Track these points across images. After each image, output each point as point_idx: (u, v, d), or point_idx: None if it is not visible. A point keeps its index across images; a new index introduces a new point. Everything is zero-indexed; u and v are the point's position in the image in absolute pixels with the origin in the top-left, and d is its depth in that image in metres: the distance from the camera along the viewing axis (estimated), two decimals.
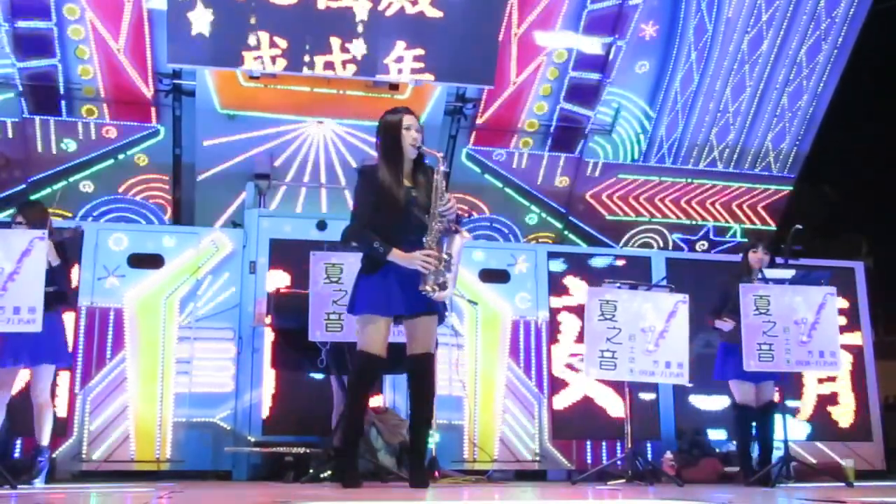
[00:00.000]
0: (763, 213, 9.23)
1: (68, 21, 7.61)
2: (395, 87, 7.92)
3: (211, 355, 6.76)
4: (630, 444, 5.93)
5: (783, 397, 6.02)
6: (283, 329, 6.16)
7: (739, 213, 9.19)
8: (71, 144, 7.92)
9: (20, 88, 7.69)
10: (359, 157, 8.07)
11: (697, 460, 6.85)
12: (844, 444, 7.52)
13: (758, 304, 5.70)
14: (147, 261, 6.80)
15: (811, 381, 7.65)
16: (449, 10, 7.48)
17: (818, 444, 7.52)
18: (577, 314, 7.29)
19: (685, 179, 8.99)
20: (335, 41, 7.38)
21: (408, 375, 4.43)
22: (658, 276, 7.43)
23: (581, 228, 8.89)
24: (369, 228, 4.29)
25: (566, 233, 8.88)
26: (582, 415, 7.22)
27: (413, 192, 4.31)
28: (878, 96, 12.30)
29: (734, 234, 9.16)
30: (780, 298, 5.72)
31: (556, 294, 7.39)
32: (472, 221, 8.63)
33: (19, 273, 4.66)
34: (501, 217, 8.72)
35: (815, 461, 6.96)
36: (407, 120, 4.37)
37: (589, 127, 8.67)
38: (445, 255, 4.22)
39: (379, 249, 4.22)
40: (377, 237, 4.24)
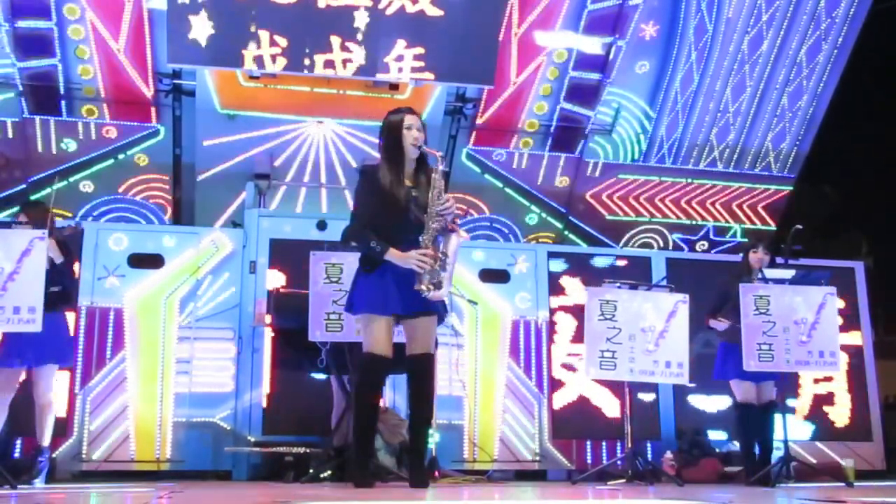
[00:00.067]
0: (763, 213, 9.23)
1: (68, 21, 7.61)
2: (395, 87, 7.92)
3: (211, 355, 6.76)
4: (630, 444, 5.93)
5: (783, 397, 6.02)
6: (283, 329, 6.16)
7: (739, 213, 9.19)
8: (71, 144, 7.92)
9: (20, 88, 7.69)
10: (359, 157, 8.07)
11: (697, 460, 6.84)
12: (844, 444, 7.53)
13: (758, 304, 5.70)
14: (147, 261, 6.80)
15: (807, 381, 7.65)
16: (449, 9, 7.48)
17: (818, 444, 7.52)
18: (573, 314, 7.32)
19: (685, 179, 8.99)
20: (335, 40, 7.38)
21: (407, 376, 4.43)
22: (658, 276, 7.43)
23: (581, 228, 8.89)
24: (369, 228, 4.30)
25: (566, 233, 8.88)
26: (578, 415, 7.22)
27: (414, 192, 4.32)
28: (878, 96, 12.30)
29: (734, 234, 9.16)
30: (780, 298, 5.72)
31: (555, 294, 7.40)
32: (471, 221, 8.63)
33: (19, 273, 4.66)
34: (501, 217, 8.72)
35: (815, 461, 6.96)
36: (408, 120, 4.37)
37: (589, 127, 8.67)
38: (441, 255, 4.22)
39: (376, 249, 4.24)
40: (375, 237, 4.25)
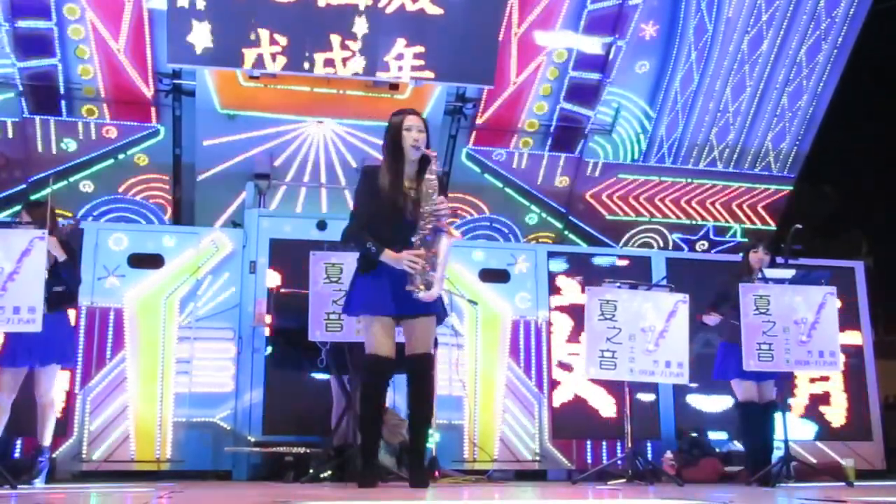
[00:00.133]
0: (763, 212, 9.23)
1: (68, 21, 7.61)
2: (395, 87, 7.91)
3: (211, 355, 6.76)
4: (630, 444, 5.93)
5: (783, 397, 6.02)
6: (283, 329, 6.16)
7: (739, 213, 9.19)
8: (71, 144, 7.92)
9: (20, 88, 7.69)
10: (359, 157, 8.08)
11: (697, 460, 6.84)
12: (844, 443, 7.53)
13: (758, 303, 5.70)
14: (147, 261, 6.80)
15: (804, 381, 7.64)
16: (449, 8, 7.48)
17: (818, 443, 7.52)
18: (569, 313, 7.33)
19: (685, 179, 8.99)
20: (335, 38, 7.37)
21: (407, 376, 4.43)
22: (658, 276, 7.43)
23: (581, 228, 8.89)
24: (368, 229, 4.32)
25: (566, 233, 8.88)
26: (575, 414, 7.21)
27: (413, 194, 4.32)
28: (878, 96, 12.30)
29: (734, 234, 9.16)
30: (779, 298, 5.72)
31: (555, 294, 7.40)
32: (471, 221, 8.63)
33: (19, 273, 4.66)
34: (501, 217, 8.72)
35: (815, 461, 6.96)
36: (408, 121, 4.38)
37: (589, 127, 8.67)
38: (431, 256, 4.22)
39: (371, 249, 4.26)
40: (371, 237, 4.27)
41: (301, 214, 7.79)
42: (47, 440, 5.44)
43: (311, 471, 5.62)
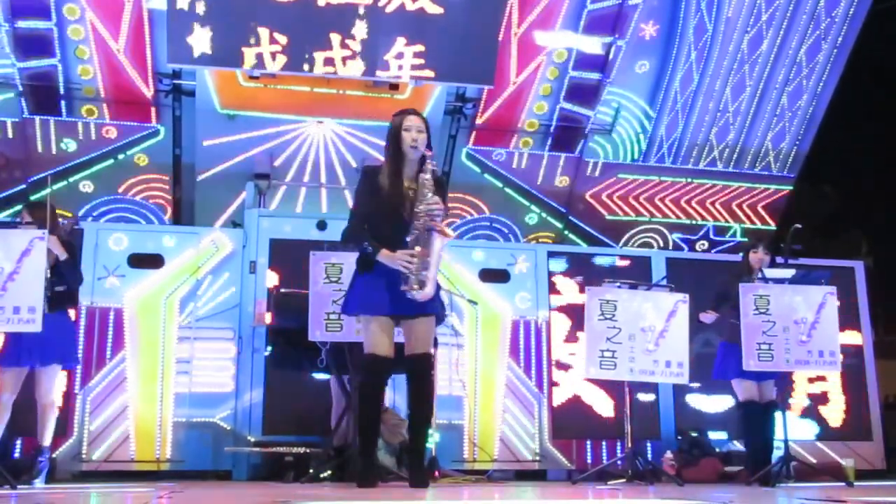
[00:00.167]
0: (763, 212, 9.23)
1: (68, 21, 7.61)
2: (395, 87, 7.91)
3: (211, 355, 6.76)
4: (630, 444, 5.92)
5: (783, 397, 6.02)
6: (283, 329, 6.16)
7: (739, 212, 9.19)
8: (71, 144, 7.92)
9: (20, 88, 7.69)
10: (359, 157, 8.07)
11: (697, 460, 6.84)
12: (844, 443, 7.53)
13: (757, 303, 5.70)
14: (147, 261, 6.81)
15: (801, 381, 7.62)
16: (449, 7, 7.48)
17: (818, 443, 7.53)
18: (567, 313, 7.34)
19: (685, 179, 8.99)
20: (335, 37, 7.37)
21: (406, 376, 4.43)
22: (658, 275, 7.43)
23: (581, 228, 8.88)
24: (368, 228, 4.33)
25: (566, 233, 8.88)
26: (573, 414, 7.22)
27: (412, 194, 4.32)
28: (878, 96, 12.30)
29: (734, 234, 9.16)
30: (779, 298, 5.72)
31: (554, 294, 7.40)
32: (471, 221, 8.63)
33: (19, 273, 4.66)
34: (501, 217, 8.71)
35: (815, 461, 6.96)
36: (407, 121, 4.38)
37: (589, 127, 8.67)
38: (425, 254, 4.21)
39: (368, 249, 4.28)
40: (369, 237, 4.28)
41: (301, 214, 7.79)
42: (47, 440, 5.43)
43: (311, 471, 5.62)
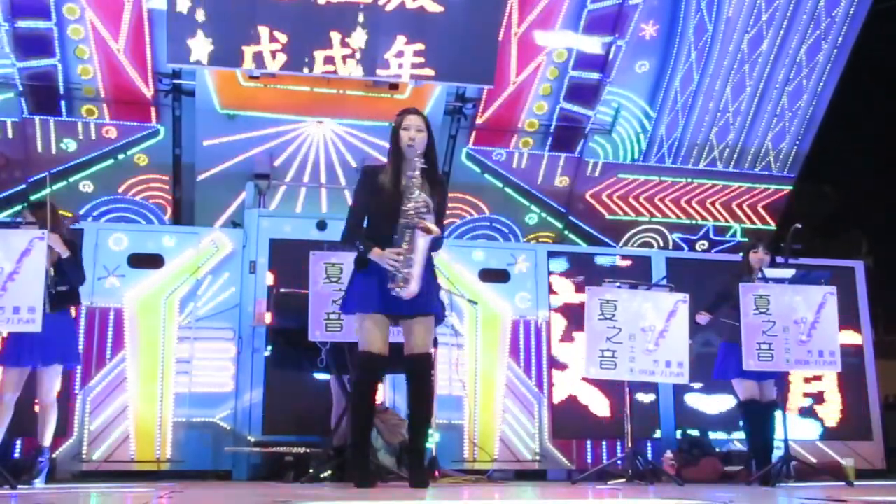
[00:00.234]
0: (763, 212, 9.23)
1: (68, 21, 7.61)
2: (395, 87, 7.90)
3: (211, 355, 6.76)
4: (630, 444, 5.92)
5: (783, 397, 6.02)
6: (283, 329, 6.16)
7: (739, 212, 9.19)
8: (71, 144, 7.92)
9: (20, 88, 7.69)
10: (359, 157, 8.07)
11: (697, 460, 6.84)
12: (844, 443, 7.53)
13: (758, 303, 5.70)
14: (147, 261, 6.81)
15: (797, 380, 7.61)
16: (449, 5, 7.48)
17: (818, 443, 7.53)
18: (562, 313, 7.36)
19: (685, 179, 8.98)
20: (335, 36, 7.37)
21: (406, 376, 4.43)
22: (658, 275, 7.44)
23: (581, 228, 8.88)
24: (361, 228, 4.35)
25: (566, 232, 8.88)
26: (571, 414, 7.23)
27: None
28: (878, 96, 12.30)
29: (734, 234, 9.16)
30: (779, 298, 5.72)
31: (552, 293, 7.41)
32: (471, 221, 8.62)
33: (19, 273, 4.66)
34: (501, 217, 8.71)
35: (815, 460, 6.96)
36: (406, 120, 4.39)
37: (589, 127, 8.66)
38: (409, 252, 4.20)
39: (360, 248, 4.29)
40: (362, 236, 4.30)
41: (301, 214, 7.79)
42: (48, 440, 5.42)
43: (311, 471, 5.62)
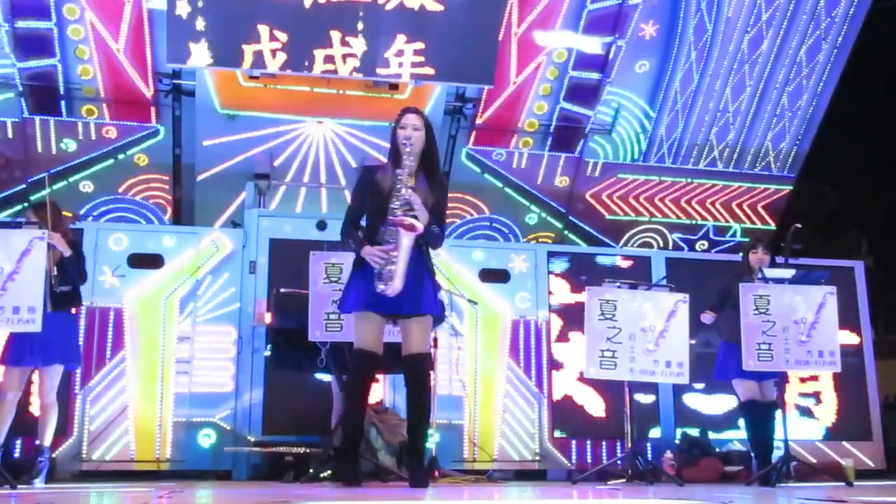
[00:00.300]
0: (763, 212, 9.23)
1: (68, 21, 7.61)
2: (395, 87, 7.90)
3: (211, 355, 6.76)
4: (630, 444, 5.92)
5: (783, 397, 6.01)
6: (283, 329, 6.16)
7: (739, 212, 9.19)
8: (71, 144, 7.92)
9: (20, 88, 7.69)
10: (359, 157, 8.07)
11: (697, 460, 6.84)
12: (844, 443, 7.53)
13: (757, 303, 5.69)
14: (147, 261, 6.81)
15: (793, 380, 7.58)
16: (449, 4, 7.47)
17: (818, 443, 7.52)
18: (558, 313, 7.37)
19: (685, 179, 8.98)
20: (335, 34, 7.37)
21: (404, 376, 4.43)
22: (658, 275, 7.43)
23: (581, 228, 8.88)
24: (359, 226, 4.36)
25: (566, 233, 8.88)
26: (568, 413, 7.24)
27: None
28: (877, 96, 12.30)
29: (734, 234, 9.16)
30: (779, 298, 5.72)
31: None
32: (471, 221, 8.63)
33: (19, 273, 4.66)
34: (501, 217, 8.72)
35: (815, 461, 6.95)
36: (403, 120, 4.40)
37: (589, 127, 8.66)
38: (393, 250, 4.20)
39: (351, 246, 4.29)
40: (355, 235, 4.32)
41: (301, 214, 7.79)
42: (48, 440, 5.42)
43: (311, 471, 5.62)
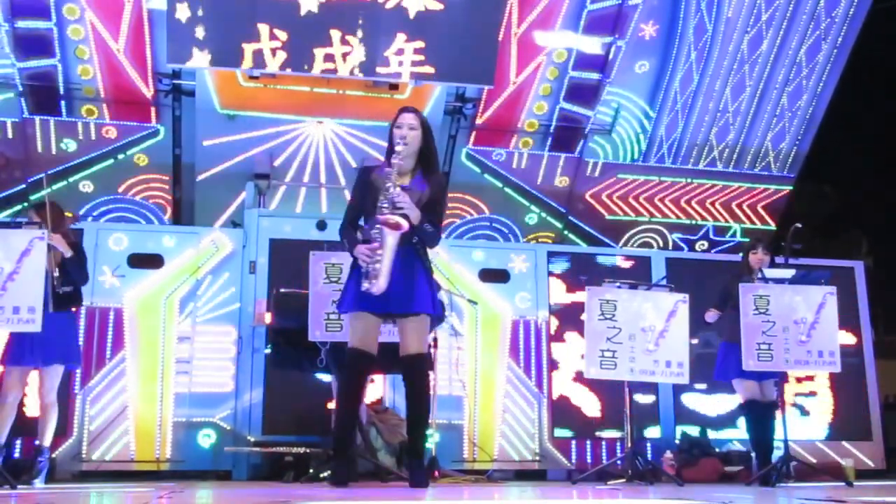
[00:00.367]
0: (763, 212, 9.23)
1: (68, 21, 7.61)
2: (394, 87, 7.90)
3: (211, 355, 6.76)
4: (630, 444, 5.92)
5: (783, 397, 6.01)
6: (283, 329, 6.15)
7: (739, 212, 9.19)
8: (71, 144, 7.92)
9: (20, 88, 7.69)
10: (358, 157, 8.07)
11: (697, 460, 6.85)
12: (844, 443, 7.53)
13: (757, 303, 5.69)
14: (147, 261, 6.81)
15: (789, 379, 7.60)
16: (449, 4, 7.47)
17: (818, 443, 7.52)
18: (554, 314, 7.37)
19: (685, 179, 8.99)
20: (335, 33, 7.37)
21: (402, 376, 4.43)
22: (658, 275, 7.44)
23: (581, 228, 8.88)
24: (356, 226, 4.36)
25: (566, 233, 8.88)
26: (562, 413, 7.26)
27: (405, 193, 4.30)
28: (877, 96, 12.30)
29: (734, 234, 9.16)
30: (779, 298, 5.72)
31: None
32: (471, 221, 8.63)
33: (19, 273, 4.66)
34: (501, 217, 8.71)
35: (814, 461, 6.95)
36: (399, 119, 4.39)
37: (589, 127, 8.66)
38: (378, 248, 4.20)
39: (345, 245, 4.31)
40: (350, 234, 4.32)
41: (301, 214, 7.79)
42: (48, 440, 5.42)
43: (310, 471, 5.62)
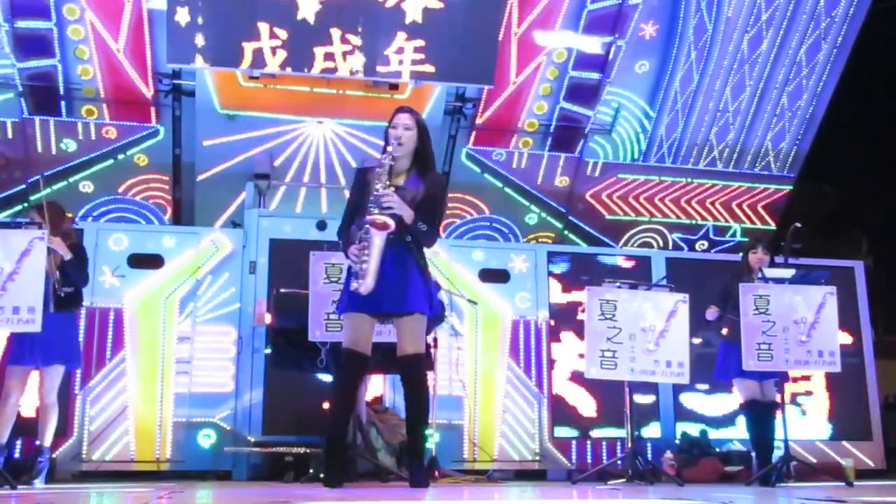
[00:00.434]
0: (763, 212, 9.23)
1: (68, 21, 7.60)
2: (394, 87, 7.90)
3: (211, 355, 6.76)
4: (630, 444, 5.92)
5: (783, 397, 6.01)
6: (283, 329, 6.16)
7: (739, 212, 9.19)
8: (71, 144, 7.92)
9: (20, 88, 7.69)
10: (359, 157, 8.07)
11: (697, 460, 6.85)
12: (844, 443, 7.53)
13: (757, 303, 5.69)
14: (147, 261, 6.81)
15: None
16: (449, 3, 7.46)
17: (818, 443, 7.52)
18: (552, 313, 7.37)
19: (685, 179, 8.98)
20: (335, 32, 7.37)
21: (400, 376, 4.43)
22: (658, 275, 7.44)
23: (581, 228, 8.88)
24: (353, 226, 4.34)
25: (566, 233, 8.88)
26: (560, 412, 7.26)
27: (399, 193, 4.29)
28: (877, 96, 12.31)
29: (734, 234, 9.16)
30: (779, 298, 5.72)
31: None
32: (471, 221, 8.63)
33: (19, 273, 4.66)
34: (501, 217, 8.71)
35: (814, 461, 6.95)
36: (395, 119, 4.38)
37: (589, 127, 8.66)
38: (366, 248, 4.19)
39: (341, 247, 4.31)
40: (346, 236, 4.32)
41: (301, 214, 7.79)
42: (48, 440, 5.42)
43: (311, 471, 5.62)
